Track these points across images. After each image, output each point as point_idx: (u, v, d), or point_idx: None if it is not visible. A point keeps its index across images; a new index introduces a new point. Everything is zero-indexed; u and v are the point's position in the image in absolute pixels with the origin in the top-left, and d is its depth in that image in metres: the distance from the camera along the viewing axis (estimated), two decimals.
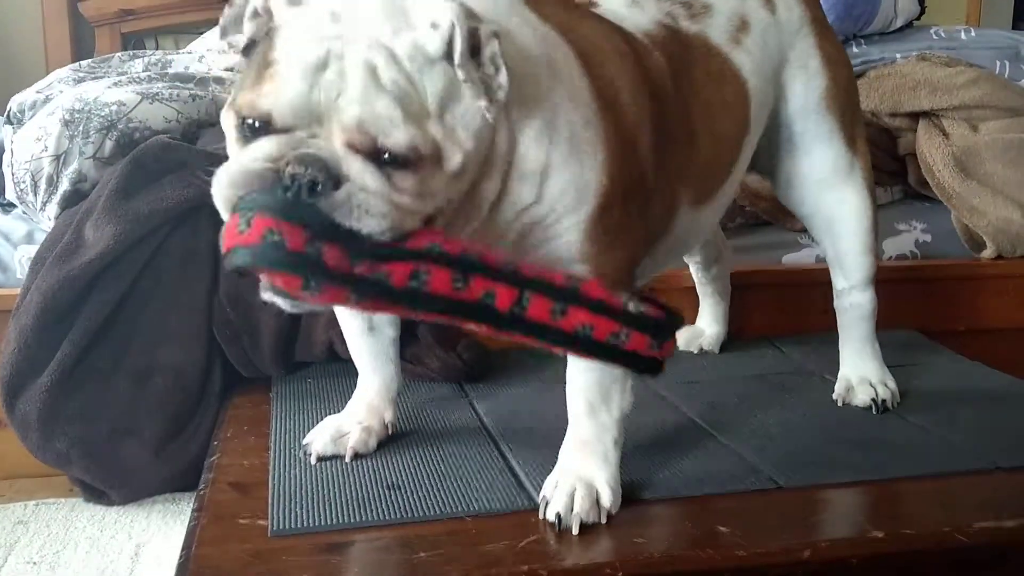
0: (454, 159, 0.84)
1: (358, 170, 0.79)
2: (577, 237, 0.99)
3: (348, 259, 0.77)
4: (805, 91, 1.32)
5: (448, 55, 0.83)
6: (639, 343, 0.85)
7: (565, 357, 1.04)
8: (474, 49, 0.84)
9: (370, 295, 0.78)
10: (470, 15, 0.85)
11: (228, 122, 0.85)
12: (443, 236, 0.83)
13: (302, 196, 0.77)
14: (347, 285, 0.76)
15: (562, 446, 1.08)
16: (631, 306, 0.86)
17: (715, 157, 1.19)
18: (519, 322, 0.83)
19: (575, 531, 0.99)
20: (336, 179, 0.78)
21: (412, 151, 0.80)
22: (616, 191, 0.99)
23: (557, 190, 0.95)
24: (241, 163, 0.80)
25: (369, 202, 0.79)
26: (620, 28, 1.11)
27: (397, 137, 0.79)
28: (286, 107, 0.79)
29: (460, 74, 0.82)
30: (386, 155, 0.80)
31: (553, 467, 1.07)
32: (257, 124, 0.81)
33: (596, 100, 0.98)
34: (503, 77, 0.84)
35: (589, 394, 1.05)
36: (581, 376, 1.05)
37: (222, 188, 0.81)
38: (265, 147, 0.80)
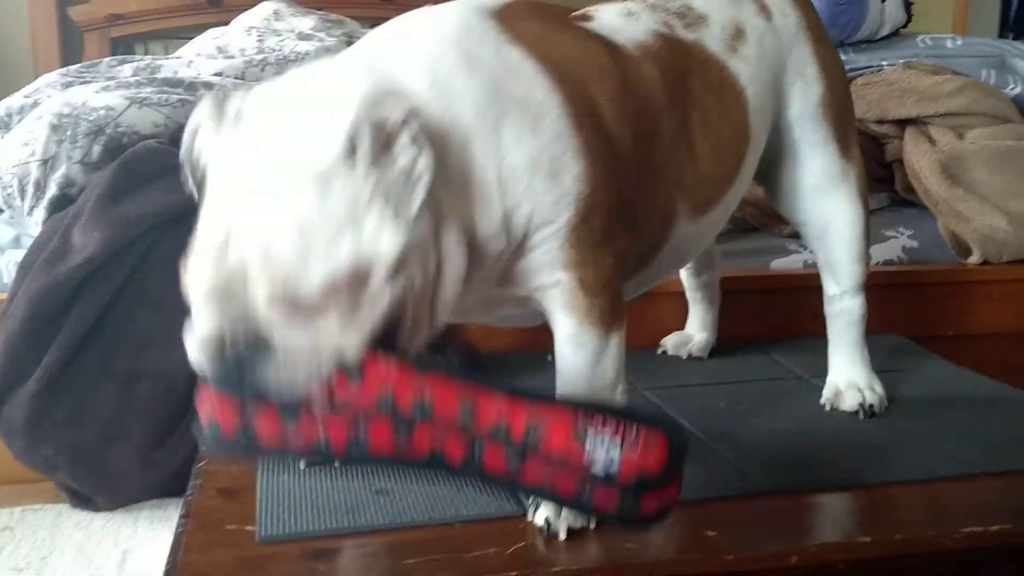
0: (380, 266, 0.80)
1: (280, 325, 0.78)
2: (557, 244, 0.98)
3: (282, 425, 0.77)
4: (803, 98, 1.32)
5: (352, 160, 0.78)
6: (606, 502, 0.76)
7: (553, 364, 1.04)
8: (386, 142, 0.79)
9: (314, 457, 0.79)
10: (377, 102, 0.80)
11: None
12: (396, 376, 0.80)
13: (240, 368, 0.78)
14: (286, 453, 0.78)
15: None
16: (597, 466, 0.76)
17: (715, 166, 1.19)
18: (478, 472, 0.80)
19: (562, 536, 0.99)
20: (265, 344, 0.78)
21: (323, 287, 0.78)
22: (597, 201, 0.99)
23: (525, 213, 0.95)
24: (199, 339, 0.82)
25: (298, 358, 0.79)
26: (604, 41, 1.09)
27: (303, 283, 0.77)
28: (205, 293, 0.80)
29: (367, 187, 0.77)
30: (304, 303, 0.78)
31: None
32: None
33: (568, 114, 0.97)
34: (425, 159, 0.80)
35: (579, 400, 1.05)
36: (570, 383, 1.05)
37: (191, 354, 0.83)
38: (204, 318, 0.81)
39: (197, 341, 0.80)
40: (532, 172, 0.94)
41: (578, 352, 1.03)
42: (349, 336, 0.80)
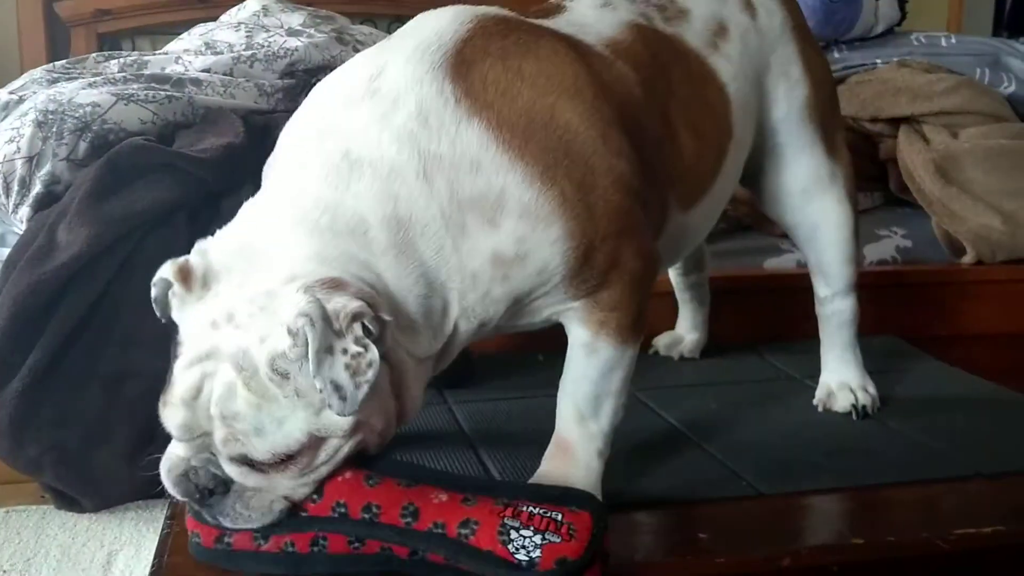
0: (333, 436, 0.88)
1: (237, 474, 0.88)
2: (560, 291, 0.99)
3: (252, 540, 0.90)
4: (788, 99, 1.31)
5: (304, 350, 0.82)
6: None
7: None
8: (337, 332, 0.83)
9: (283, 563, 0.90)
10: (328, 297, 0.84)
11: None
12: (348, 488, 0.90)
13: (202, 499, 0.89)
14: (260, 563, 0.90)
15: (546, 451, 1.07)
16: (520, 555, 0.84)
17: (699, 158, 1.18)
18: (423, 564, 0.89)
19: None
20: (224, 483, 0.88)
21: (276, 456, 0.86)
22: (591, 241, 0.97)
23: (505, 293, 0.96)
24: (168, 464, 0.91)
25: (252, 501, 0.88)
26: (572, 46, 1.04)
27: (258, 451, 0.86)
28: (177, 429, 0.88)
29: (317, 383, 0.82)
30: (255, 462, 0.87)
31: (531, 472, 1.06)
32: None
33: (539, 175, 0.93)
34: (371, 356, 0.84)
35: (580, 402, 1.04)
36: (574, 383, 1.04)
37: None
38: (178, 451, 0.90)
39: (166, 469, 0.91)
40: (496, 264, 0.94)
41: (590, 357, 1.03)
42: (304, 486, 0.90)
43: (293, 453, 0.87)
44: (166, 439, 1.46)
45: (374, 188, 0.91)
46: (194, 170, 1.54)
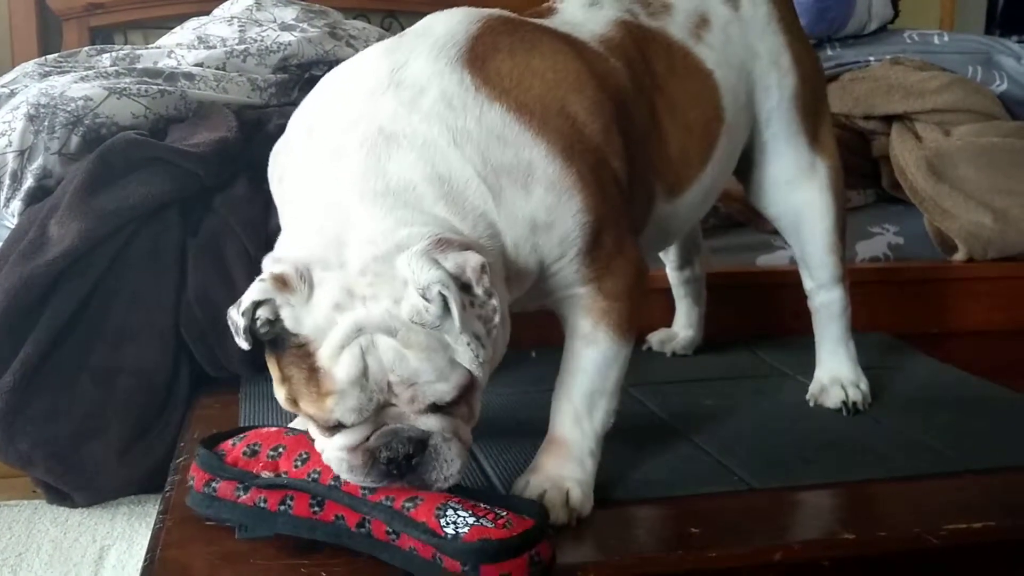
0: (484, 375, 0.93)
1: (434, 424, 0.91)
2: (574, 268, 1.03)
3: (234, 490, 0.97)
4: (779, 88, 1.33)
5: (446, 312, 0.87)
6: (452, 566, 0.86)
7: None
8: (467, 286, 0.88)
9: (252, 516, 0.96)
10: (445, 256, 0.88)
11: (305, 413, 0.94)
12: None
13: (405, 470, 0.90)
14: (234, 512, 0.97)
15: (540, 448, 1.07)
16: (449, 530, 0.87)
17: (686, 147, 1.20)
18: (367, 538, 0.92)
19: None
20: (421, 440, 0.90)
21: (458, 392, 0.90)
22: (602, 220, 1.02)
23: (535, 261, 1.01)
24: (345, 457, 0.92)
25: (451, 448, 0.91)
26: (571, 43, 1.10)
27: (443, 394, 0.90)
28: (353, 415, 0.89)
29: (464, 338, 0.87)
30: (444, 406, 0.91)
31: (524, 466, 1.06)
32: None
33: (555, 154, 0.99)
34: (495, 301, 0.89)
35: (576, 401, 1.06)
36: (571, 376, 1.06)
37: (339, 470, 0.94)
38: (348, 441, 0.91)
39: (347, 465, 0.92)
40: (532, 230, 0.99)
41: (589, 348, 1.05)
42: (471, 422, 0.95)
43: (469, 383, 0.90)
44: (158, 434, 1.47)
45: (411, 156, 0.95)
46: (187, 164, 1.54)
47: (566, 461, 1.04)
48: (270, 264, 0.92)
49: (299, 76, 1.94)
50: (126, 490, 1.55)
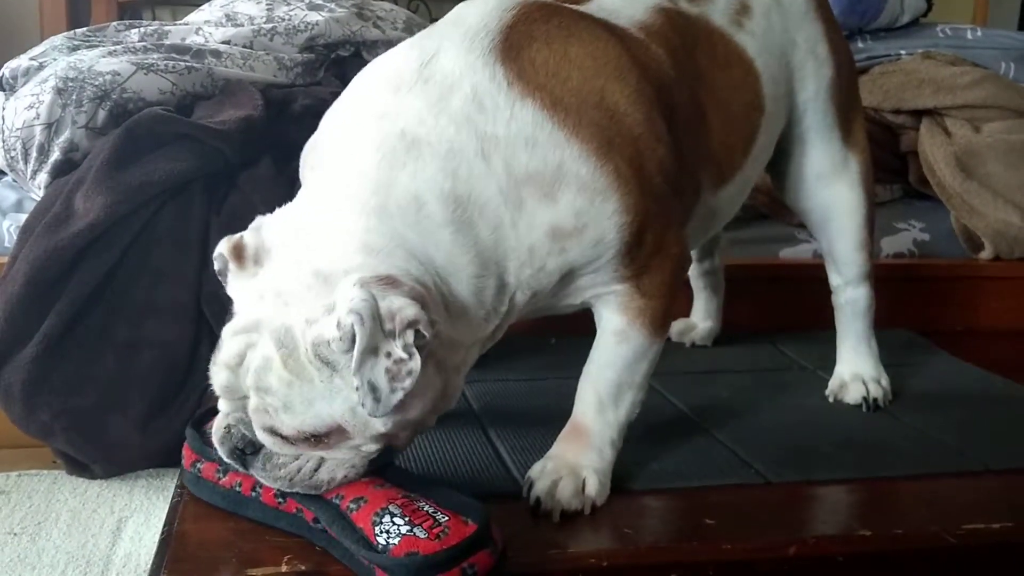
0: (363, 433, 0.89)
1: (268, 442, 0.91)
2: (612, 268, 0.99)
3: (215, 472, 1.00)
4: (816, 78, 1.31)
5: (349, 345, 0.83)
6: None
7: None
8: (390, 334, 0.83)
9: (227, 499, 0.99)
10: (383, 295, 0.84)
11: None
12: None
13: (238, 456, 0.93)
14: (212, 495, 1.00)
15: (561, 433, 1.07)
16: (381, 540, 0.85)
17: (728, 137, 1.18)
18: (323, 534, 0.92)
19: (555, 517, 0.98)
20: (254, 444, 0.92)
21: (302, 434, 0.88)
22: (645, 218, 0.98)
23: (557, 266, 0.97)
24: (216, 421, 0.96)
25: (280, 468, 0.92)
26: (611, 31, 1.06)
27: (283, 426, 0.88)
28: (220, 389, 0.92)
29: (355, 381, 0.83)
30: (287, 436, 0.89)
31: (541, 453, 1.06)
32: None
33: (591, 152, 0.95)
34: (414, 364, 0.83)
35: (602, 389, 1.05)
36: (599, 370, 1.05)
37: None
38: (223, 408, 0.94)
39: (214, 426, 0.95)
40: (553, 238, 0.95)
41: (621, 345, 1.04)
42: (335, 462, 0.92)
43: (319, 435, 0.88)
44: (178, 408, 1.48)
45: (433, 167, 0.91)
46: (212, 142, 1.54)
47: (586, 449, 1.04)
48: (251, 226, 0.94)
49: (326, 56, 1.94)
50: (145, 463, 1.57)
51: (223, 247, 0.92)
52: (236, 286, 0.92)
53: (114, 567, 1.38)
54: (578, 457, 1.03)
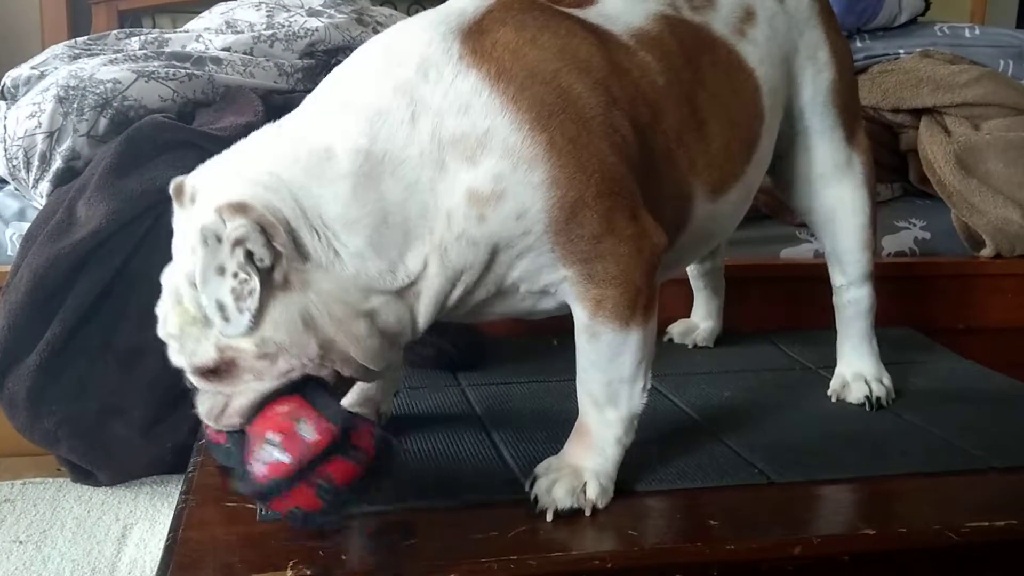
0: (244, 356, 0.91)
1: (195, 381, 0.95)
2: (547, 248, 0.97)
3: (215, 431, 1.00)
4: (814, 83, 1.31)
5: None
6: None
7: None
8: (249, 253, 0.87)
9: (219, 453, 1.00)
10: (231, 217, 0.87)
11: None
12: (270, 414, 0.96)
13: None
14: (218, 447, 1.00)
15: (571, 434, 1.07)
16: (252, 468, 0.91)
17: (728, 146, 1.17)
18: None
19: (549, 516, 0.98)
20: (191, 384, 0.97)
21: (201, 370, 0.93)
22: (580, 196, 0.95)
23: (477, 237, 0.95)
24: None
25: (201, 404, 0.96)
26: (592, 32, 1.05)
27: (188, 365, 0.94)
28: (163, 334, 0.96)
29: (203, 300, 0.88)
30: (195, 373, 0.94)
31: (543, 457, 1.06)
32: None
33: (524, 121, 0.94)
34: (254, 283, 0.87)
35: (593, 390, 1.04)
36: (584, 371, 1.04)
37: None
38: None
39: None
40: (470, 202, 0.93)
41: (592, 343, 1.02)
42: (240, 397, 0.94)
43: (214, 368, 0.92)
44: (182, 414, 1.48)
45: (354, 126, 0.94)
46: (213, 148, 1.53)
47: (588, 450, 1.04)
48: (197, 167, 0.97)
49: (325, 62, 1.95)
50: (149, 470, 1.57)
51: (171, 185, 0.96)
52: (175, 225, 0.96)
53: (119, 574, 1.38)
54: (581, 460, 1.03)
